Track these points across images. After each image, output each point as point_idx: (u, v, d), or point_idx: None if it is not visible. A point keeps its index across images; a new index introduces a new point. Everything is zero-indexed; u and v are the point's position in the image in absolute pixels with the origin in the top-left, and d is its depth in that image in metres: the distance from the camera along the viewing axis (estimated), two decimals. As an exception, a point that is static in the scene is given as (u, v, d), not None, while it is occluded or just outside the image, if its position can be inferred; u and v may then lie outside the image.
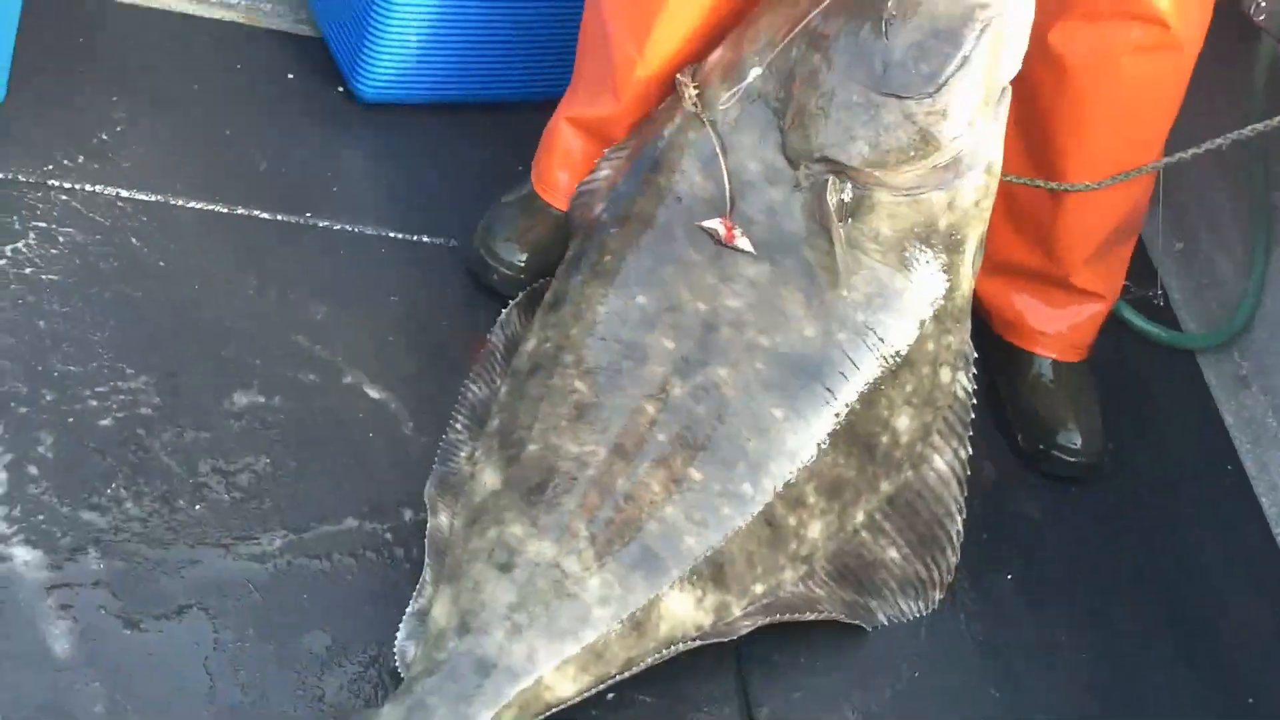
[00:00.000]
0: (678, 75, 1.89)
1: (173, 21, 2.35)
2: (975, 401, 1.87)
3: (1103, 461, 2.19)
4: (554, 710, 1.64)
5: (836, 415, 1.79)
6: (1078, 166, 2.04)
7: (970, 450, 1.87)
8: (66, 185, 2.04)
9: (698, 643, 1.73)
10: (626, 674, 1.68)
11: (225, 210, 2.10)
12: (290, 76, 2.34)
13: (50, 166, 2.05)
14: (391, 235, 2.15)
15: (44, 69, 2.15)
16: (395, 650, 1.64)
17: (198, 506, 1.75)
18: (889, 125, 1.73)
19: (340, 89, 2.33)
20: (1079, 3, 1.93)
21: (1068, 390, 2.20)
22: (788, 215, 1.79)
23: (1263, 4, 2.18)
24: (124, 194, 2.06)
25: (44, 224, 1.98)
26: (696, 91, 1.85)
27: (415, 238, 2.17)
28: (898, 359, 1.81)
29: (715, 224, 1.81)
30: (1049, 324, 2.19)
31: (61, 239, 1.97)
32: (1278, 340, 2.40)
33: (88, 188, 2.05)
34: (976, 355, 1.88)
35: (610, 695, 1.70)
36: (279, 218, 2.12)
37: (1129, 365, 2.39)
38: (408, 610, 1.67)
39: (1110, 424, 2.22)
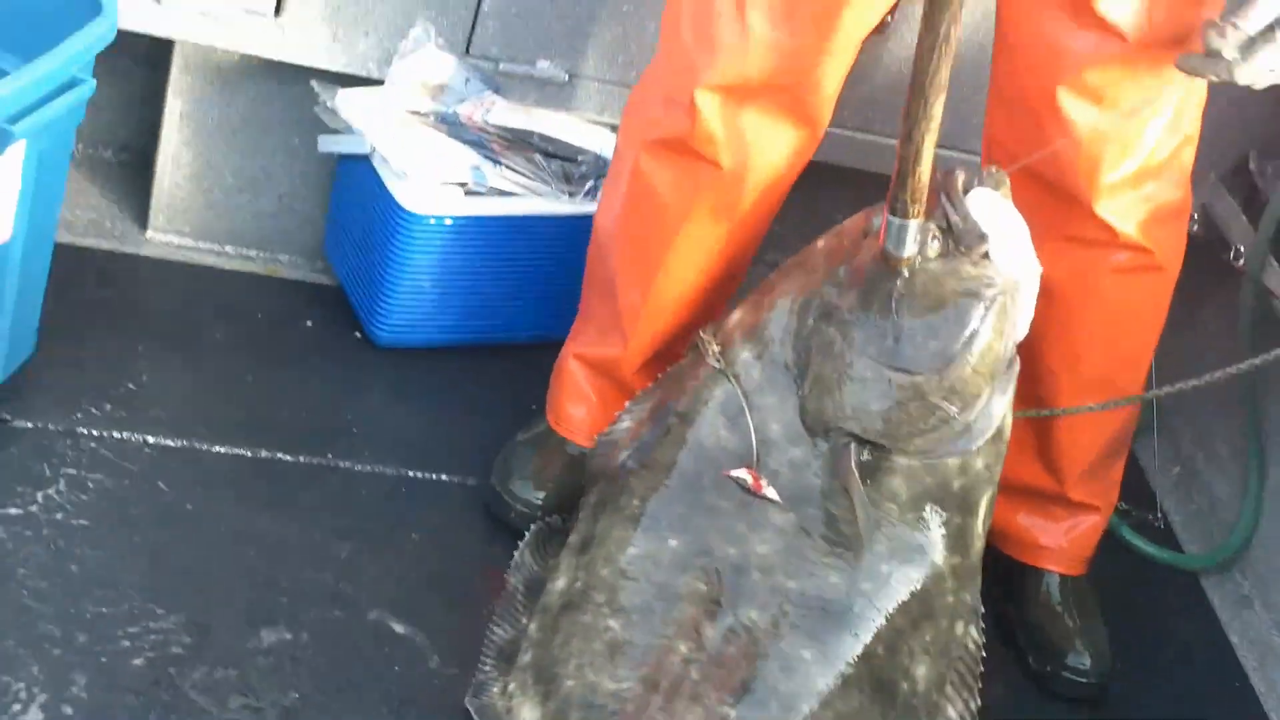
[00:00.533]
0: (700, 333, 1.94)
1: (196, 274, 2.45)
2: (984, 654, 1.89)
3: (1109, 682, 2.21)
4: None
5: (862, 659, 1.81)
6: (1069, 385, 2.11)
7: (980, 702, 1.88)
8: (95, 433, 2.10)
9: None
10: None
11: (250, 454, 2.16)
12: (309, 324, 2.43)
13: (79, 415, 2.11)
14: (411, 474, 2.21)
15: (72, 321, 2.23)
16: None
17: (229, 744, 1.76)
18: (901, 401, 1.77)
19: (358, 334, 2.41)
20: (1063, 227, 2.00)
21: (1074, 610, 2.24)
22: (810, 471, 1.82)
23: (1241, 249, 2.29)
24: (151, 440, 2.12)
25: (74, 470, 2.03)
26: (719, 349, 1.90)
27: (434, 476, 2.22)
28: (919, 610, 1.83)
29: (743, 473, 1.84)
30: (1050, 538, 2.24)
31: (91, 485, 2.02)
32: (1275, 557, 2.44)
33: (116, 435, 2.11)
34: (982, 609, 1.89)
35: None
36: (302, 460, 2.17)
37: (1133, 588, 2.43)
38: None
39: (1118, 645, 2.24)
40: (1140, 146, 1.96)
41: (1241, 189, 2.43)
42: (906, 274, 1.76)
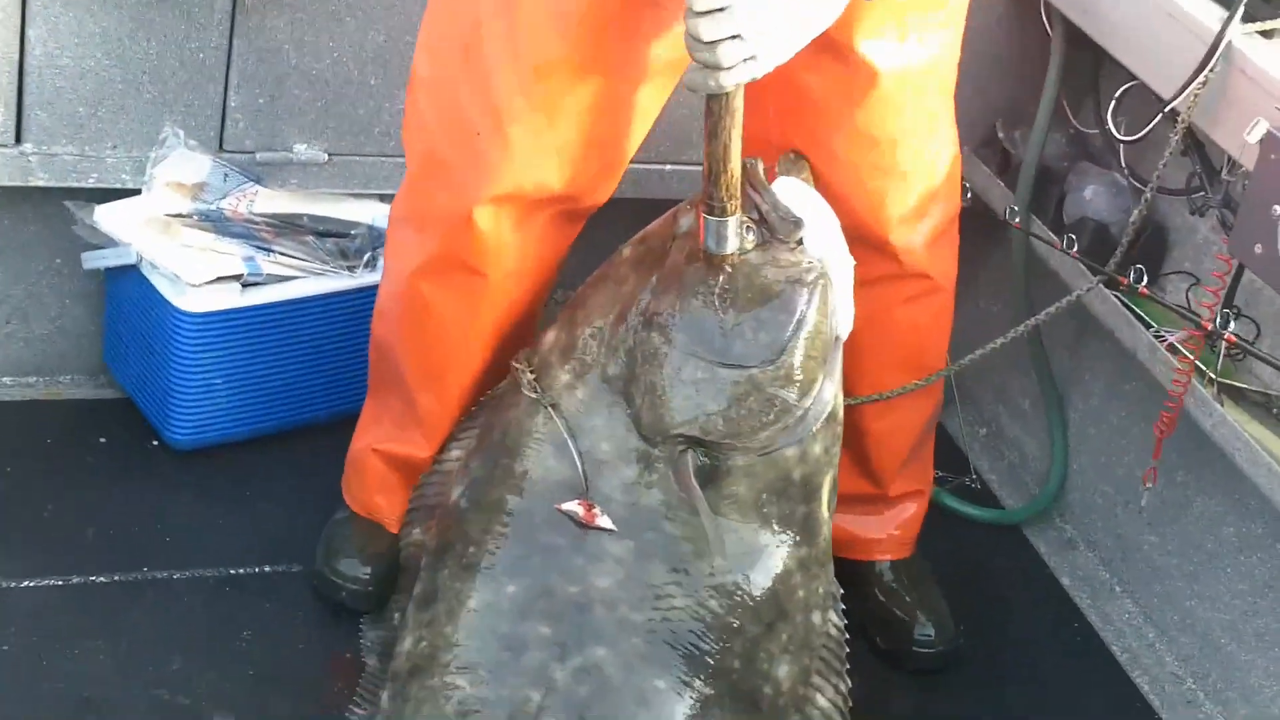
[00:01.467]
0: (513, 362, 1.91)
1: (-25, 410, 2.37)
2: (847, 636, 1.89)
3: (959, 646, 2.26)
4: None
5: (718, 678, 1.80)
6: (873, 406, 2.15)
7: (849, 683, 1.89)
8: (-107, 588, 2.02)
9: None
10: None
11: (61, 582, 2.09)
12: (102, 440, 2.36)
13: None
14: (233, 573, 2.16)
15: None
16: None
17: None
18: (739, 397, 1.75)
19: (154, 442, 2.36)
20: (856, 271, 2.00)
21: (911, 587, 2.27)
22: (645, 492, 1.80)
23: (1015, 208, 2.37)
24: (-48, 587, 2.04)
25: (-125, 630, 1.95)
26: (533, 376, 1.86)
27: (258, 571, 2.17)
28: (772, 614, 1.82)
29: (574, 506, 1.81)
30: (878, 532, 2.27)
31: (-107, 642, 1.95)
32: (1091, 498, 2.52)
33: (-87, 586, 2.03)
34: (841, 590, 1.90)
35: None
36: (117, 579, 2.11)
37: (963, 551, 2.48)
38: None
39: (959, 610, 2.29)
40: (919, 172, 2.00)
41: (994, 157, 2.52)
42: (728, 270, 1.75)
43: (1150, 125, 2.17)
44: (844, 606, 1.89)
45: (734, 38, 1.63)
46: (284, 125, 2.38)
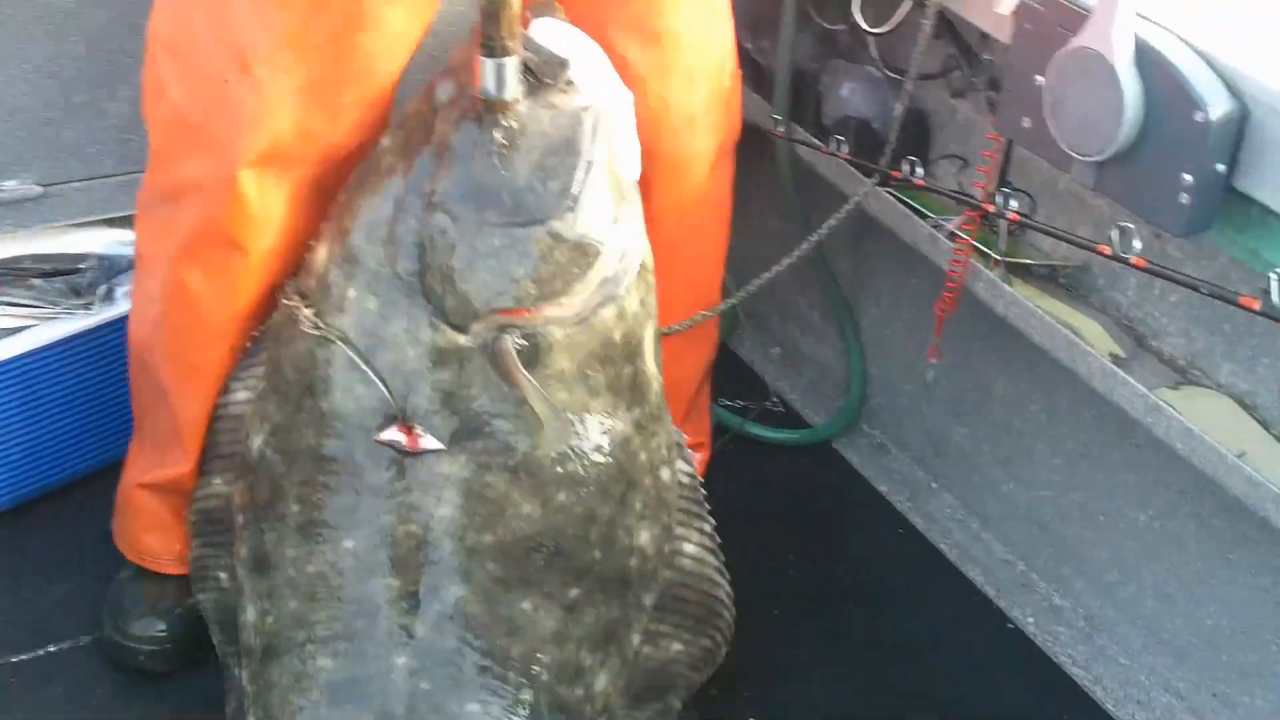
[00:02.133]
0: (281, 297, 1.75)
1: None
2: (701, 478, 1.83)
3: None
4: None
5: (582, 574, 1.73)
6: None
7: (714, 522, 1.83)
8: None
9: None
10: None
11: None
12: None
13: None
14: (14, 660, 1.99)
15: None
16: None
17: None
18: (544, 253, 1.63)
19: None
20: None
21: None
22: (464, 393, 1.67)
23: (776, 118, 2.31)
24: None
25: None
26: (311, 309, 1.70)
27: (40, 652, 2.00)
28: (620, 486, 1.74)
29: (393, 434, 1.67)
30: None
31: None
32: (895, 400, 2.49)
33: None
34: (685, 436, 1.84)
35: None
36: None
37: (776, 476, 2.43)
38: None
39: (786, 537, 2.26)
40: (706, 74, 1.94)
41: (746, 70, 2.44)
42: (501, 123, 1.62)
43: (899, 14, 2.11)
44: (687, 450, 1.83)
45: None
46: (-16, 162, 2.20)
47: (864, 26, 2.20)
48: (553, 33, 1.70)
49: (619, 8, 1.84)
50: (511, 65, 1.61)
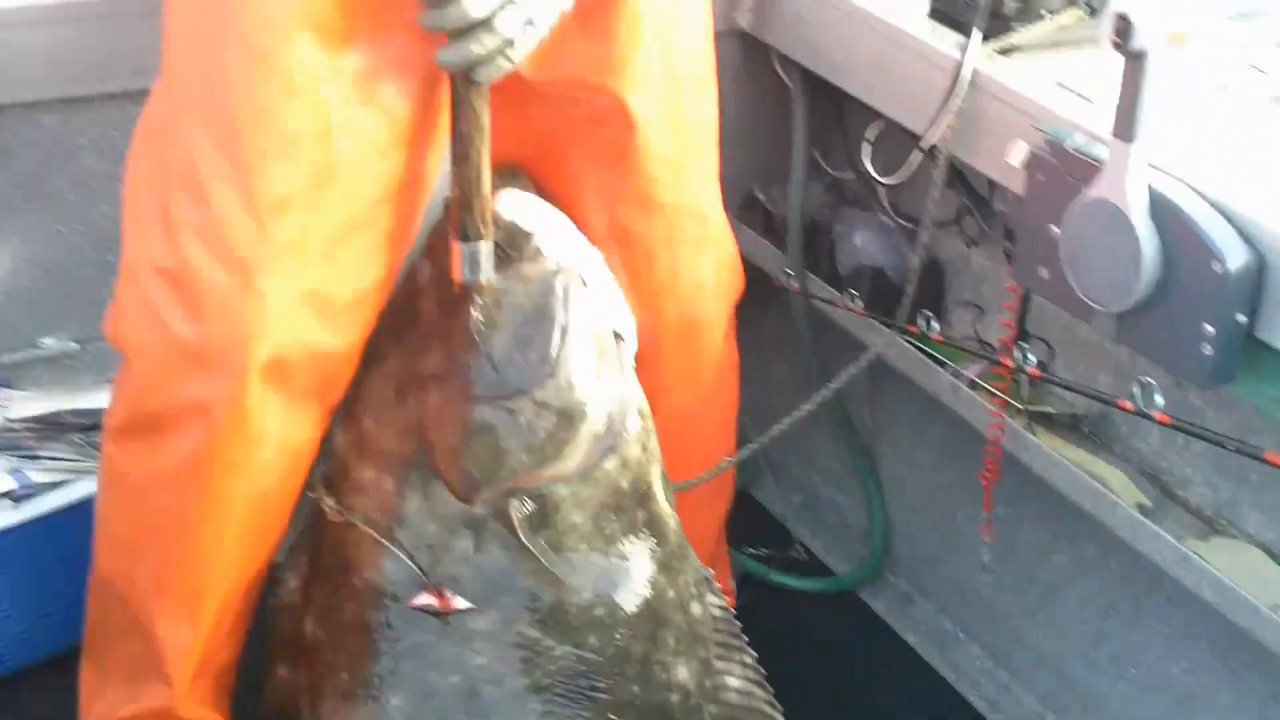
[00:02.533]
0: (307, 494, 1.77)
1: None
2: (733, 611, 1.85)
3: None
4: None
5: (623, 711, 1.76)
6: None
7: (755, 654, 1.84)
8: None
9: None
10: None
11: None
12: None
13: None
14: None
15: None
16: None
17: None
18: (531, 424, 1.68)
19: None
20: None
21: None
22: (486, 556, 1.72)
23: (789, 271, 2.30)
24: None
25: None
26: (334, 502, 1.76)
27: None
28: (651, 624, 1.77)
29: (426, 599, 1.74)
30: None
31: None
32: (918, 548, 2.45)
33: None
34: (711, 571, 1.85)
35: None
36: None
37: (801, 625, 2.39)
38: None
39: (813, 687, 2.17)
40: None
41: (758, 219, 2.46)
42: (478, 301, 1.67)
43: (909, 164, 2.11)
44: (716, 584, 1.85)
45: (508, 3, 1.56)
46: (22, 321, 2.22)
47: (874, 176, 2.21)
48: (517, 203, 1.75)
49: (622, 181, 1.84)
50: (485, 250, 1.67)
